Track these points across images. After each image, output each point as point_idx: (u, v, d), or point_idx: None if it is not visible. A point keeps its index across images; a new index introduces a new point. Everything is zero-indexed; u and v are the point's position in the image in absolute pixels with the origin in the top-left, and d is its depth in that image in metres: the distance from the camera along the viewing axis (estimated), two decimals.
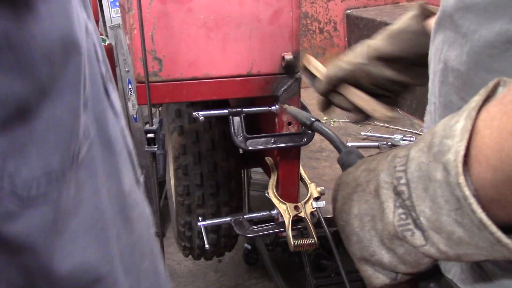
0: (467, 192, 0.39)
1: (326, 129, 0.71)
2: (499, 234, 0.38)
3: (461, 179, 0.39)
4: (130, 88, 2.89)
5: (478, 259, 0.42)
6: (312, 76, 1.05)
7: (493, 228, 0.38)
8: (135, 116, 2.93)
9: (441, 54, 0.55)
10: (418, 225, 0.44)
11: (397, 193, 0.45)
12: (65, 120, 0.40)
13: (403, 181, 0.44)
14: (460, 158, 0.39)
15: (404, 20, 0.82)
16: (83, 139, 0.42)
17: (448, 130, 0.41)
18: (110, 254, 0.44)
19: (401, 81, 0.82)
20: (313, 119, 0.79)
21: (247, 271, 2.47)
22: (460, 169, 0.39)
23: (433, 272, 0.52)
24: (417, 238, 0.44)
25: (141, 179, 0.58)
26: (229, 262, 2.54)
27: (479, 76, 0.49)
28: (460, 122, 0.40)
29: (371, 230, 0.49)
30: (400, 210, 0.45)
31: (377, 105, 0.84)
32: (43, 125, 0.39)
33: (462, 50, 0.50)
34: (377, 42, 0.84)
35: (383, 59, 0.82)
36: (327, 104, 0.95)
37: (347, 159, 0.60)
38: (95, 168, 0.43)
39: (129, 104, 2.91)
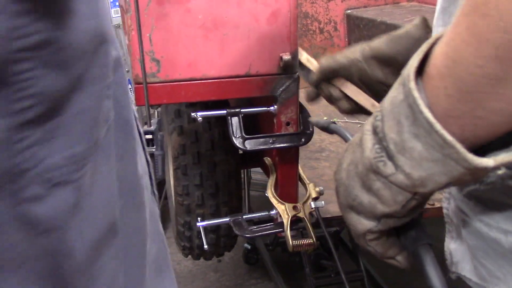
0: (416, 94, 0.41)
1: (340, 128, 0.80)
2: (445, 134, 0.40)
3: (412, 84, 0.42)
4: (130, 88, 2.90)
5: (441, 181, 0.44)
6: (306, 69, 1.07)
7: (438, 126, 0.40)
8: None
9: None
10: (389, 154, 0.46)
11: (374, 131, 0.48)
12: (91, 109, 0.42)
13: (378, 117, 0.48)
14: (412, 69, 0.42)
15: (406, 26, 0.85)
16: (103, 123, 0.44)
17: (411, 58, 0.44)
18: (117, 231, 0.47)
19: (388, 84, 0.83)
20: (330, 122, 0.87)
21: (247, 271, 2.47)
22: (412, 76, 0.42)
23: (414, 226, 0.54)
24: (388, 167, 0.47)
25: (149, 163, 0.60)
26: (229, 262, 2.54)
27: None
28: (420, 49, 0.44)
29: (354, 177, 0.52)
30: (377, 146, 0.48)
31: (375, 102, 0.86)
32: (71, 116, 0.42)
33: None
34: (375, 42, 0.87)
35: (378, 59, 0.84)
36: (315, 95, 0.97)
37: None
38: (111, 150, 0.46)
39: None
